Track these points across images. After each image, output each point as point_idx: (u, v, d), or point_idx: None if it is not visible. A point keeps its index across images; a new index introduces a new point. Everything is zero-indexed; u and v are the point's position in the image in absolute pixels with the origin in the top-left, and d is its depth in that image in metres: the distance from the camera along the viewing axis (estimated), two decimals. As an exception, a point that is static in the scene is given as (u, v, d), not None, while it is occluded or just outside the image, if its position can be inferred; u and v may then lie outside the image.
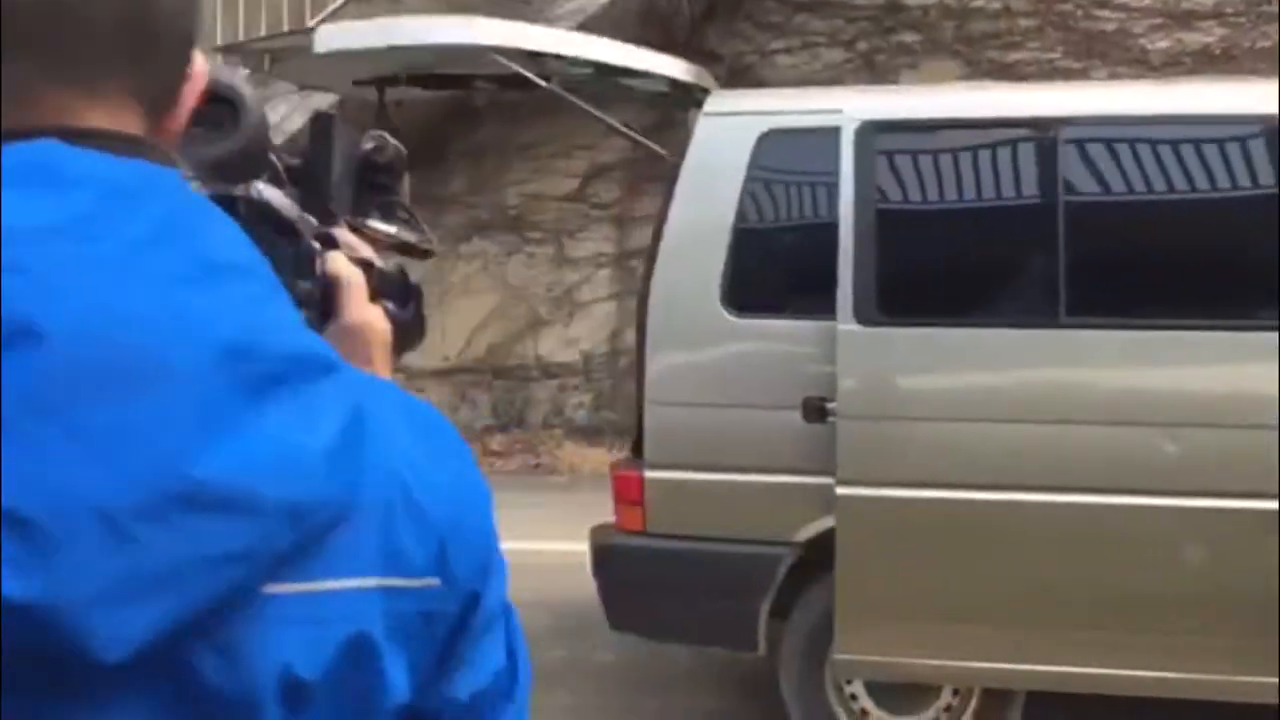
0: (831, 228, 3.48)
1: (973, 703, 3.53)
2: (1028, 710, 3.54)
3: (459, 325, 10.28)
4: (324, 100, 8.76)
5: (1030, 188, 3.40)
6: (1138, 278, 3.46)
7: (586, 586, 5.74)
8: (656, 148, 5.94)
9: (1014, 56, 9.67)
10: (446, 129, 10.22)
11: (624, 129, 6.10)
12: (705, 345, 3.60)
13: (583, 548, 6.16)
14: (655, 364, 3.62)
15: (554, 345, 10.08)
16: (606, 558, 3.72)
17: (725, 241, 3.57)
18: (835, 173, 3.45)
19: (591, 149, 10.29)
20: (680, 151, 3.69)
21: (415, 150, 5.71)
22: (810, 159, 3.55)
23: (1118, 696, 3.41)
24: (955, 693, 3.54)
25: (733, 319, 3.56)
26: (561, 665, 4.71)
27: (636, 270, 10.49)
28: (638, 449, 3.78)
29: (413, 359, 7.04)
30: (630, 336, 9.91)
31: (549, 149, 10.31)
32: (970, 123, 3.43)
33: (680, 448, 3.60)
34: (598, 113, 5.43)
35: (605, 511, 3.87)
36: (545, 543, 5.28)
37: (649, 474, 3.60)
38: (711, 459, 3.57)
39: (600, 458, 8.54)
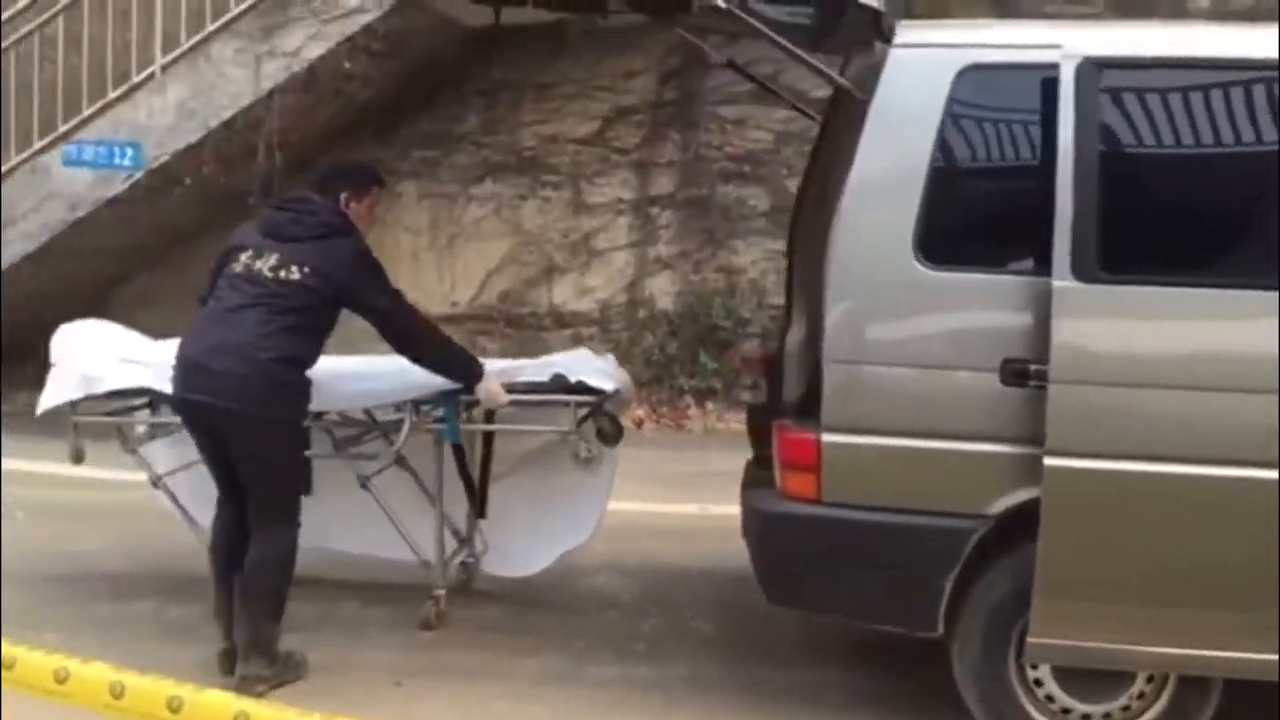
0: (1040, 173, 3.18)
1: (1168, 691, 3.30)
2: (1224, 701, 3.32)
3: (469, 270, 9.86)
4: (342, 29, 8.27)
5: (1271, 133, 3.12)
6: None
7: (661, 550, 5.49)
8: (808, 112, 5.56)
9: (1050, 9, 9.39)
10: (460, 65, 9.75)
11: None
12: (895, 299, 3.30)
13: (650, 509, 5.93)
14: (837, 318, 3.31)
15: (569, 294, 9.71)
16: (770, 526, 3.42)
17: (919, 188, 3.26)
18: (1047, 113, 3.15)
19: (613, 90, 9.87)
20: (868, 88, 3.36)
21: (426, 86, 5.25)
22: (1019, 97, 3.24)
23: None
24: (1149, 680, 3.31)
25: (926, 271, 3.26)
26: (665, 635, 4.43)
27: (657, 217, 10.19)
28: (802, 409, 3.48)
29: (422, 304, 6.65)
30: (650, 285, 9.67)
31: (568, 89, 9.86)
32: (1204, 62, 3.14)
33: (863, 410, 3.30)
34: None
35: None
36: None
37: (826, 437, 3.30)
38: (897, 423, 3.28)
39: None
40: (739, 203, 9.60)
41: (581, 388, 4.24)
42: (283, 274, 3.83)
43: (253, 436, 3.78)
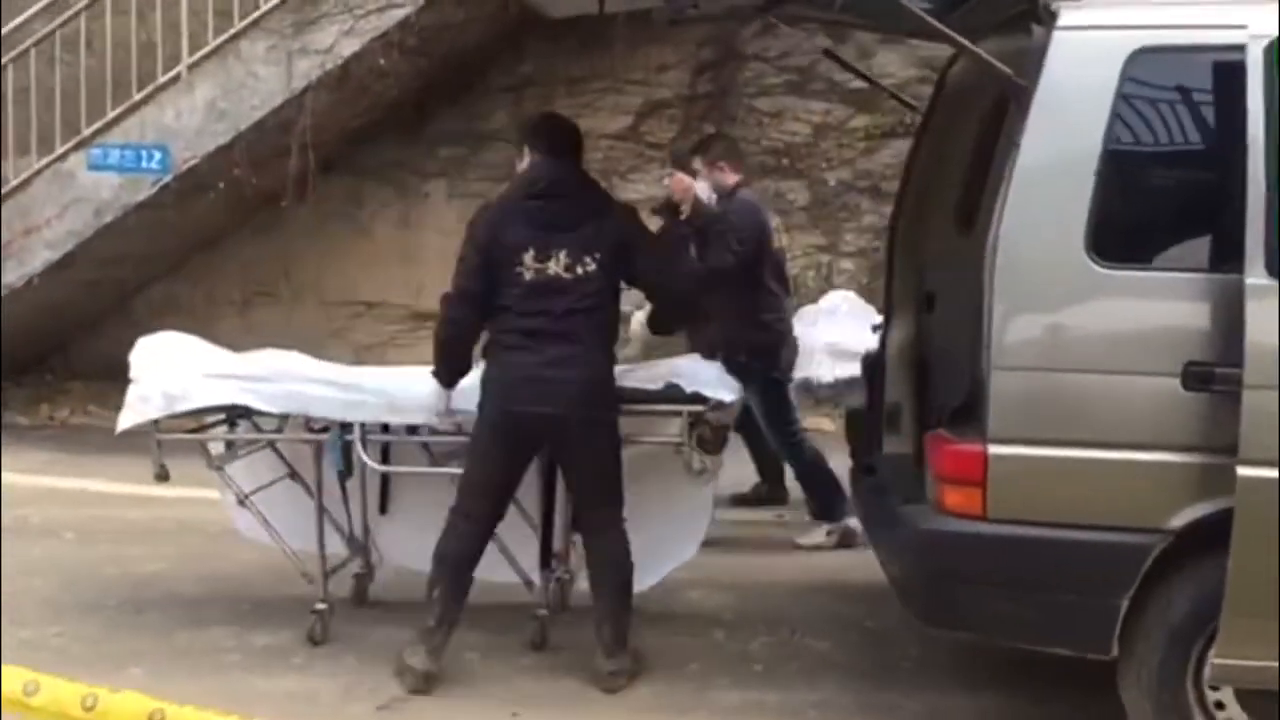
0: (1224, 163, 2.98)
1: (1363, 715, 3.10)
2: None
3: (501, 271, 9.61)
4: (376, 24, 8.02)
5: None
6: None
7: (750, 562, 5.27)
8: (909, 102, 5.35)
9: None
10: (487, 60, 9.51)
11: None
12: (1066, 300, 3.09)
13: (729, 516, 5.71)
14: (1002, 322, 3.10)
15: (604, 294, 9.48)
16: (929, 544, 3.21)
17: (1090, 181, 3.05)
18: (1231, 98, 2.95)
19: (645, 84, 9.65)
20: (1029, 74, 3.14)
21: (453, 82, 4.97)
22: (1198, 81, 3.04)
23: None
24: (1342, 703, 3.12)
25: (1099, 270, 3.05)
26: (779, 655, 4.21)
27: (693, 214, 9.95)
28: (956, 419, 3.26)
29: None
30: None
31: (599, 83, 9.63)
32: None
33: (1032, 420, 3.10)
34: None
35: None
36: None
37: (994, 450, 3.09)
38: (1070, 433, 3.08)
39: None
40: (777, 197, 9.36)
41: (695, 398, 4.02)
42: (579, 270, 3.77)
43: (595, 438, 3.82)
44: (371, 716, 3.73)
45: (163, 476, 4.31)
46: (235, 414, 4.35)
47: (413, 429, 4.28)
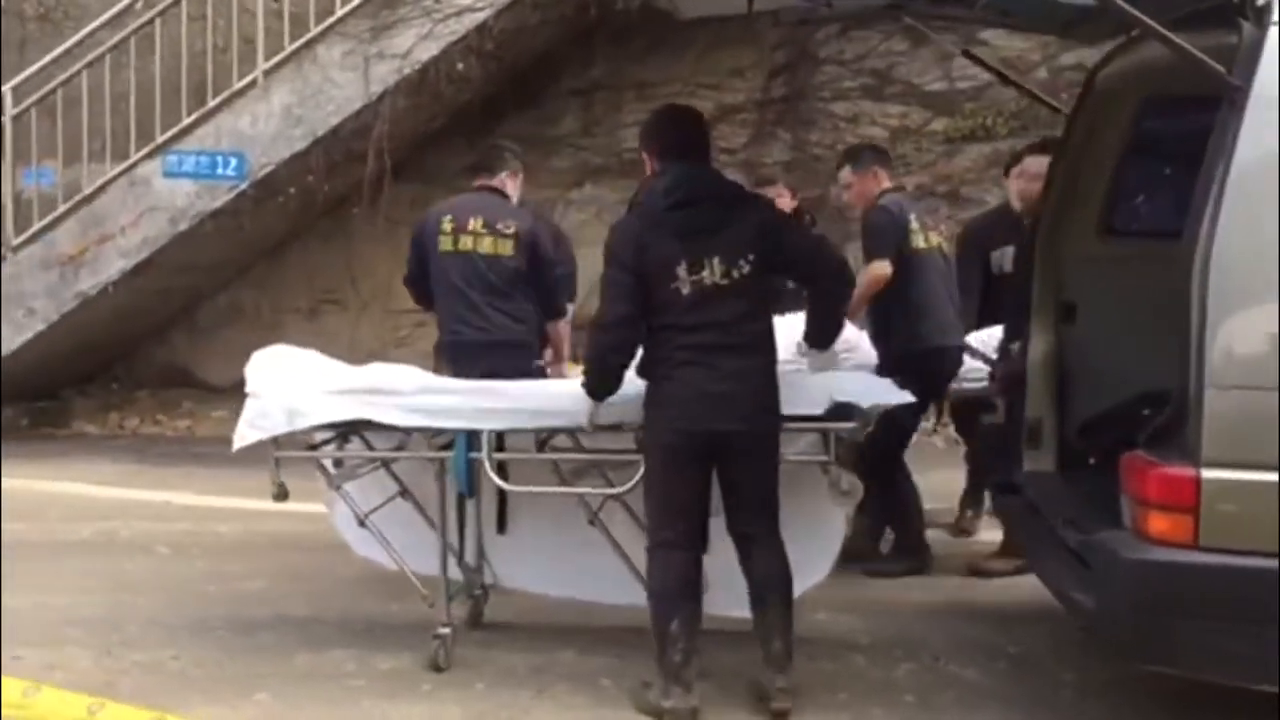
0: None
1: None
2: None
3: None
4: (453, 28, 7.88)
5: None
6: None
7: (871, 582, 5.07)
8: (1051, 101, 5.15)
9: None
10: (554, 64, 9.37)
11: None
12: (1290, 313, 2.89)
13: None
14: (1221, 336, 2.91)
15: (677, 301, 9.30)
16: (1133, 574, 3.02)
17: (1311, 184, 2.85)
18: None
19: (717, 89, 9.48)
20: (1240, 73, 2.96)
21: (522, 86, 4.69)
22: None
23: None
24: None
25: (1326, 280, 2.86)
26: (928, 684, 4.01)
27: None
28: (1156, 440, 3.07)
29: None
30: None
31: (670, 87, 9.46)
32: None
33: (1249, 442, 2.90)
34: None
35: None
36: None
37: (1208, 474, 2.90)
38: (1290, 456, 2.87)
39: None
40: (855, 203, 9.18)
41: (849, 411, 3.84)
42: (735, 274, 3.62)
43: (766, 451, 3.72)
44: (513, 747, 3.56)
45: (281, 496, 4.15)
46: (347, 430, 4.19)
47: (541, 447, 4.12)
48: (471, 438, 3.98)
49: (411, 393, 4.02)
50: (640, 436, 3.79)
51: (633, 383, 3.80)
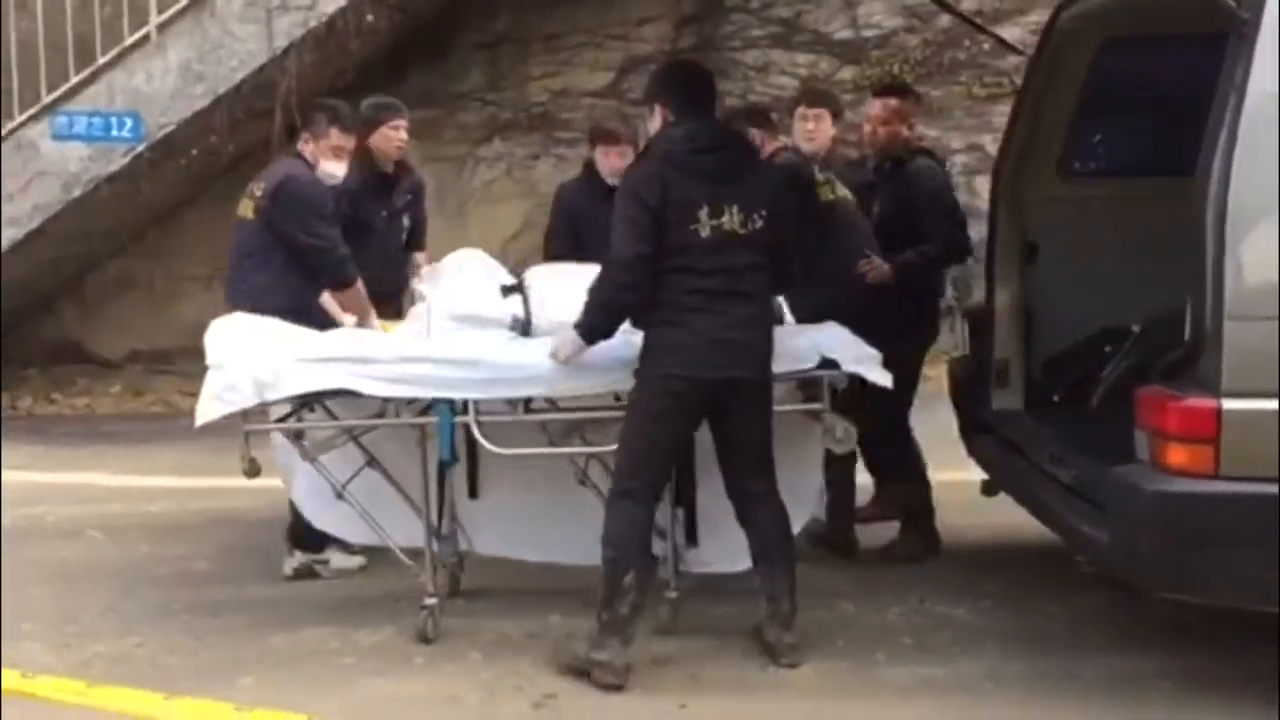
0: None
1: None
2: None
3: (484, 237, 9.17)
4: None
5: None
6: None
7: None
8: (1015, 46, 5.14)
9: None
10: (459, 16, 9.10)
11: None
12: (1308, 246, 2.94)
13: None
14: (1238, 269, 2.96)
15: (592, 258, 9.18)
16: (1156, 506, 3.06)
17: (1322, 117, 2.91)
18: None
19: (625, 39, 9.34)
20: (1250, 6, 2.98)
21: (423, 42, 4.63)
22: None
23: None
24: None
25: (1344, 208, 2.92)
26: (919, 626, 4.05)
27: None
28: (1171, 373, 3.12)
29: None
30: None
31: (577, 39, 9.31)
32: None
33: (1267, 371, 2.95)
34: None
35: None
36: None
37: (1228, 405, 2.96)
38: (1307, 384, 2.94)
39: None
40: (766, 153, 9.17)
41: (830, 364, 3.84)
42: (750, 225, 3.59)
43: (765, 403, 3.69)
44: (529, 716, 3.47)
45: (253, 472, 3.93)
46: (311, 400, 4.00)
47: (525, 409, 4.00)
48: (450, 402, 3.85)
49: (391, 361, 3.86)
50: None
51: (611, 348, 3.73)
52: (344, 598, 4.42)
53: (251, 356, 3.85)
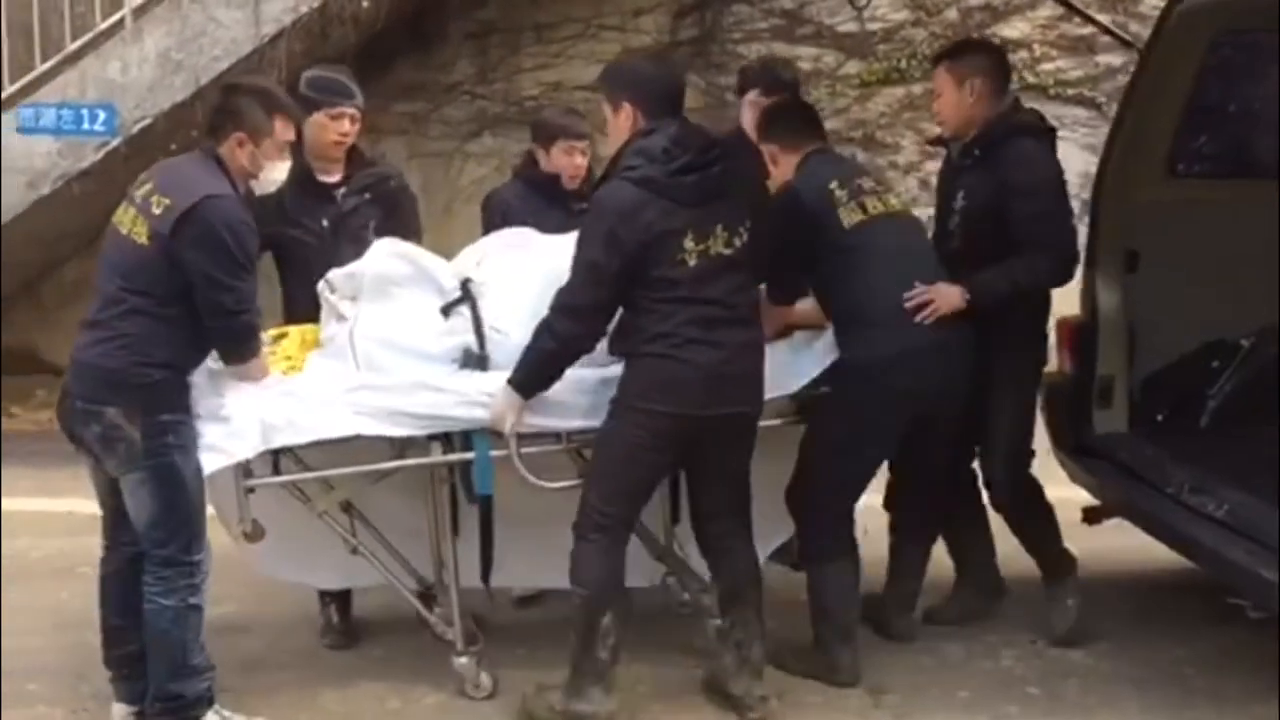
0: None
1: None
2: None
3: (472, 237, 8.65)
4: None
5: None
6: None
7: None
8: (1122, 35, 4.79)
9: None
10: (443, 5, 8.63)
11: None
12: None
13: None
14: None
15: (587, 257, 8.77)
16: None
17: None
18: None
19: (621, 29, 8.91)
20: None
21: (409, 32, 4.09)
22: None
23: None
24: None
25: None
26: (1042, 672, 3.72)
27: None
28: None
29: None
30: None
31: (571, 29, 8.86)
32: None
33: None
34: None
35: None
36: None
37: None
38: None
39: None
40: (768, 150, 8.83)
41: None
42: (737, 242, 3.30)
43: (751, 431, 3.41)
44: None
45: (255, 536, 3.45)
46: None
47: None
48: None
49: (410, 394, 3.40)
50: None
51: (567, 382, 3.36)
52: (393, 650, 3.97)
53: (257, 398, 3.35)
